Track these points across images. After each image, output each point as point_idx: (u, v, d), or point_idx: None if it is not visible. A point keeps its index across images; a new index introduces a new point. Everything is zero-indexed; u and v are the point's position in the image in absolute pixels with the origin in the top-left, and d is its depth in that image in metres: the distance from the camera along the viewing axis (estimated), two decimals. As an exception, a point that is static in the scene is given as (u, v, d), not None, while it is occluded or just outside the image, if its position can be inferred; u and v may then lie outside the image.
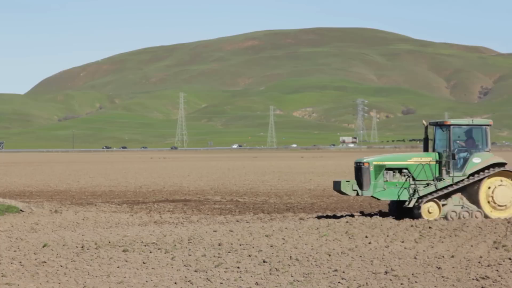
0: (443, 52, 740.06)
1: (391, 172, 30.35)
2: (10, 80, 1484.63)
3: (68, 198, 44.30)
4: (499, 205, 30.14)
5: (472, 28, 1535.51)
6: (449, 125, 30.36)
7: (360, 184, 30.01)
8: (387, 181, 30.20)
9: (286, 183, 57.14)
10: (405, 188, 30.14)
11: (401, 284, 16.65)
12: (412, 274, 17.68)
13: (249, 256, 20.45)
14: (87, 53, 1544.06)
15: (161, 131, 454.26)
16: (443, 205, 29.96)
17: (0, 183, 60.31)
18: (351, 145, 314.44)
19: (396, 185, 30.17)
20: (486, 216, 29.80)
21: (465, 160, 30.30)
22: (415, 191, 29.98)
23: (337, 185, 30.41)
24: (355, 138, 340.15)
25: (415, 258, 19.98)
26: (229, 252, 21.13)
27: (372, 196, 30.43)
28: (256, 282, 16.89)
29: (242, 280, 17.19)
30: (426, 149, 31.26)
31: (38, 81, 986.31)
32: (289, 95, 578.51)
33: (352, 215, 31.10)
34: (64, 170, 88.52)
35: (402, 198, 30.15)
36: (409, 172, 30.34)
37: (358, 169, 30.24)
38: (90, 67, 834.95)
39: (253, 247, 22.05)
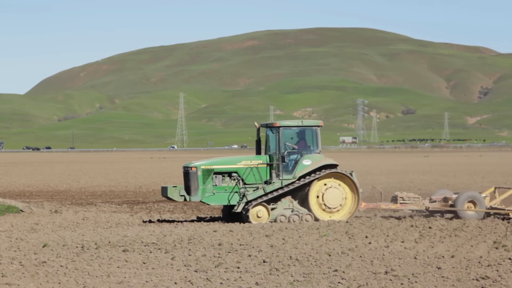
0: (443, 52, 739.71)
1: (220, 176, 29.53)
2: (10, 80, 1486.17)
3: (68, 198, 44.31)
4: (329, 208, 29.50)
5: (472, 28, 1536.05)
6: (279, 127, 29.63)
7: (188, 189, 29.19)
8: (216, 185, 29.39)
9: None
10: (236, 192, 29.37)
11: (401, 284, 16.64)
12: (412, 274, 17.67)
13: (249, 256, 20.44)
14: (87, 53, 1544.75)
15: (161, 131, 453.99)
16: (272, 209, 29.25)
17: (0, 183, 60.30)
18: (354, 145, 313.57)
19: (226, 190, 29.39)
20: (316, 219, 29.10)
21: (296, 162, 29.57)
22: (243, 195, 29.28)
23: (164, 191, 29.59)
24: (355, 138, 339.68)
25: (415, 258, 19.97)
26: (229, 252, 21.12)
27: (201, 201, 29.65)
28: (256, 282, 16.89)
29: (242, 280, 17.18)
30: (258, 152, 30.48)
31: (38, 81, 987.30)
32: (289, 95, 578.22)
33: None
34: (64, 170, 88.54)
35: (232, 203, 29.40)
36: (239, 176, 29.55)
37: (186, 174, 29.38)
38: (90, 67, 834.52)
39: (253, 247, 22.05)
